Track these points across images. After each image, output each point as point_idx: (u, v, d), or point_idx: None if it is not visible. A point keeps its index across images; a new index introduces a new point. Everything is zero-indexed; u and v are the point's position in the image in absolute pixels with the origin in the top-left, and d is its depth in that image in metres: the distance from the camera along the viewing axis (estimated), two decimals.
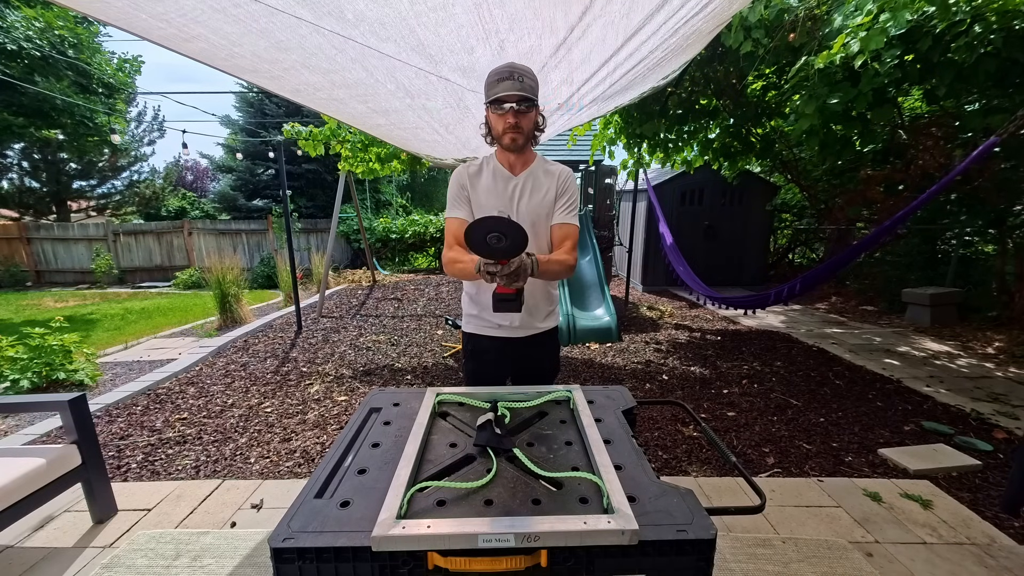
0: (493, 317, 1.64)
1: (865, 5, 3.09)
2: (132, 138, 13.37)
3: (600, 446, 1.08)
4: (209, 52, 1.51)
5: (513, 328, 1.65)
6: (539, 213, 1.55)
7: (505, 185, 1.55)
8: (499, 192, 1.55)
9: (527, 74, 1.39)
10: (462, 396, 1.37)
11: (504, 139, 1.46)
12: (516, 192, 1.55)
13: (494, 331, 1.67)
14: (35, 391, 3.43)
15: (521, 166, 1.56)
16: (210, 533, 1.89)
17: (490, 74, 1.40)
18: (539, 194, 1.55)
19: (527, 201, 1.55)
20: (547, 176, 1.57)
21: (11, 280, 10.30)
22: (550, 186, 1.55)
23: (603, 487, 0.92)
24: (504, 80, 1.36)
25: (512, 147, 1.48)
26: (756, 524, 1.92)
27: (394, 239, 11.12)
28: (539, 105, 1.47)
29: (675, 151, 5.67)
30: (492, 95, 1.39)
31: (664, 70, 2.13)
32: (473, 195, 1.56)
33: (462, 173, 1.58)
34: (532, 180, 1.55)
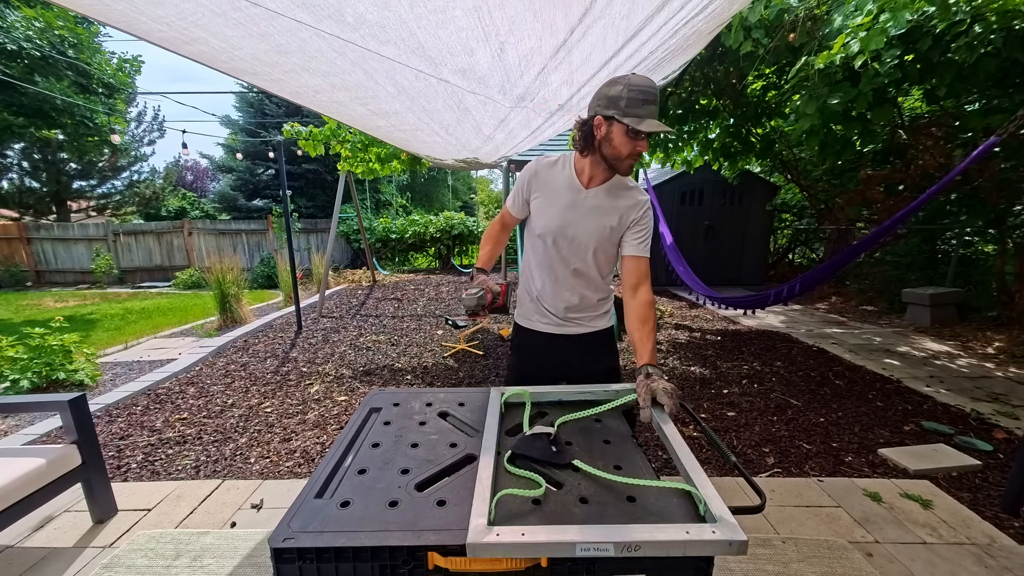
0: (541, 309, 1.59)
1: (865, 5, 3.09)
2: (132, 138, 13.37)
3: (685, 451, 1.03)
4: (209, 54, 1.51)
5: (557, 324, 1.57)
6: (600, 236, 1.44)
7: (573, 196, 1.44)
8: (563, 202, 1.45)
9: (659, 98, 1.28)
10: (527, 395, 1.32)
11: (623, 165, 1.34)
12: (581, 207, 1.43)
13: (538, 325, 1.60)
14: (35, 391, 3.43)
15: (599, 181, 1.43)
16: (210, 533, 1.89)
17: (630, 87, 1.23)
18: (606, 217, 1.43)
19: (590, 220, 1.43)
20: (622, 199, 1.44)
21: (11, 280, 10.30)
22: (623, 212, 1.43)
23: (698, 495, 0.88)
24: (650, 104, 1.23)
25: (627, 173, 1.37)
26: (756, 524, 1.92)
27: (394, 239, 11.12)
28: None
29: (675, 151, 5.68)
30: (634, 116, 1.23)
31: (664, 70, 2.13)
32: (540, 194, 1.48)
33: (534, 168, 1.50)
34: (603, 199, 1.42)
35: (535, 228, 1.50)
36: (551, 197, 1.46)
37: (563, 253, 1.47)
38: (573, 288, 1.52)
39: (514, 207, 1.57)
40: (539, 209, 1.48)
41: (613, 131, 1.28)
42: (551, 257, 1.49)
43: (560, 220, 1.44)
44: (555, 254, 1.48)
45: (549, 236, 1.46)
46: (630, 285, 1.44)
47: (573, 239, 1.45)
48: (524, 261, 1.64)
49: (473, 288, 1.46)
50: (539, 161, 1.50)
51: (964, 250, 6.02)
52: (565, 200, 1.44)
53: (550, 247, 1.48)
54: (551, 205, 1.45)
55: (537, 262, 1.55)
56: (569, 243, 1.45)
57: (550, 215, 1.45)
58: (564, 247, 1.46)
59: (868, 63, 3.13)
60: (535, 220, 1.50)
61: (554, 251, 1.48)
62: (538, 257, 1.54)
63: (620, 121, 1.24)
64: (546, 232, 1.46)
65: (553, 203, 1.45)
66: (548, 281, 1.53)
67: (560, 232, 1.45)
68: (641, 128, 1.23)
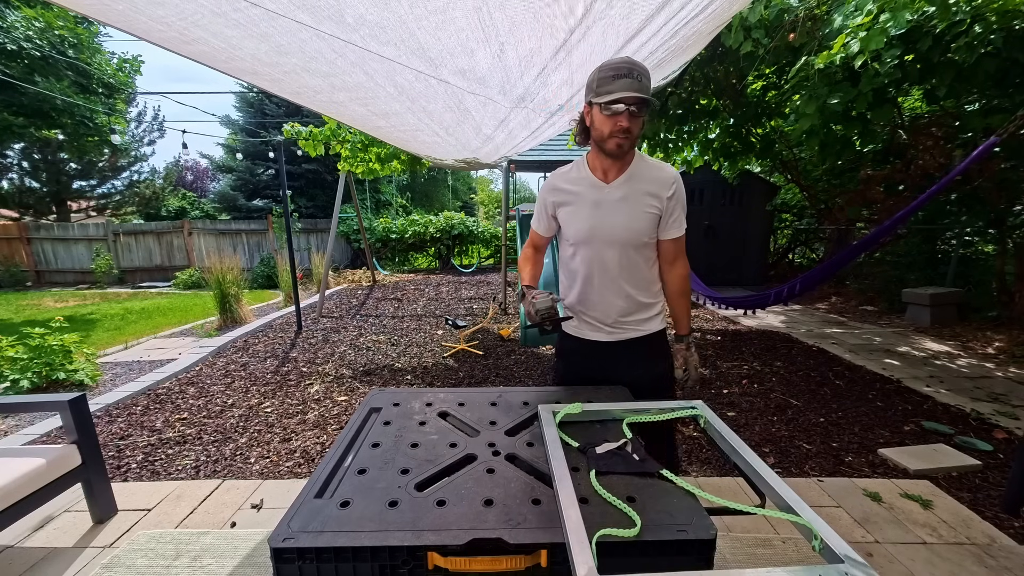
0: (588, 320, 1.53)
1: (865, 5, 3.09)
2: (132, 138, 13.37)
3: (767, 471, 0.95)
4: (209, 55, 1.51)
5: (607, 332, 1.50)
6: (636, 228, 1.38)
7: (595, 196, 1.38)
8: (588, 204, 1.39)
9: (645, 73, 1.24)
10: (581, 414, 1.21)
11: (609, 143, 1.29)
12: (608, 203, 1.37)
13: (587, 334, 1.53)
14: (35, 391, 3.43)
15: (616, 172, 1.38)
16: (210, 533, 1.89)
17: (601, 68, 1.25)
18: (638, 205, 1.37)
19: (621, 214, 1.37)
20: (648, 181, 1.37)
21: (11, 280, 10.30)
22: (655, 193, 1.37)
23: (815, 530, 0.80)
24: (621, 77, 1.21)
25: (616, 153, 1.31)
26: (756, 524, 1.92)
27: (394, 239, 11.12)
28: None
29: (675, 151, 5.68)
30: (605, 93, 1.23)
31: (664, 70, 2.14)
32: (564, 204, 1.43)
33: (552, 184, 1.46)
34: (629, 187, 1.37)
35: (568, 238, 1.46)
36: (576, 203, 1.41)
37: (601, 256, 1.42)
38: (619, 291, 1.45)
39: (541, 226, 1.53)
40: (567, 219, 1.44)
41: (594, 114, 1.30)
42: (590, 263, 1.44)
43: (591, 222, 1.39)
44: (593, 259, 1.43)
45: (583, 241, 1.42)
46: (667, 260, 1.48)
47: (609, 238, 1.39)
48: (562, 274, 1.60)
49: (542, 295, 1.32)
50: (554, 175, 1.48)
51: (964, 250, 6.02)
52: (590, 201, 1.39)
53: (587, 253, 1.43)
54: (577, 211, 1.41)
55: (576, 272, 1.49)
56: (605, 244, 1.40)
57: (579, 220, 1.40)
58: (601, 249, 1.41)
59: (868, 63, 3.13)
60: (566, 230, 1.46)
61: (592, 256, 1.43)
62: (576, 267, 1.48)
63: (594, 102, 1.27)
64: (579, 238, 1.42)
65: (579, 208, 1.41)
66: (591, 290, 1.47)
67: (593, 234, 1.39)
68: (606, 100, 1.22)
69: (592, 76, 1.27)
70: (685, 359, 1.51)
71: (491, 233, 11.74)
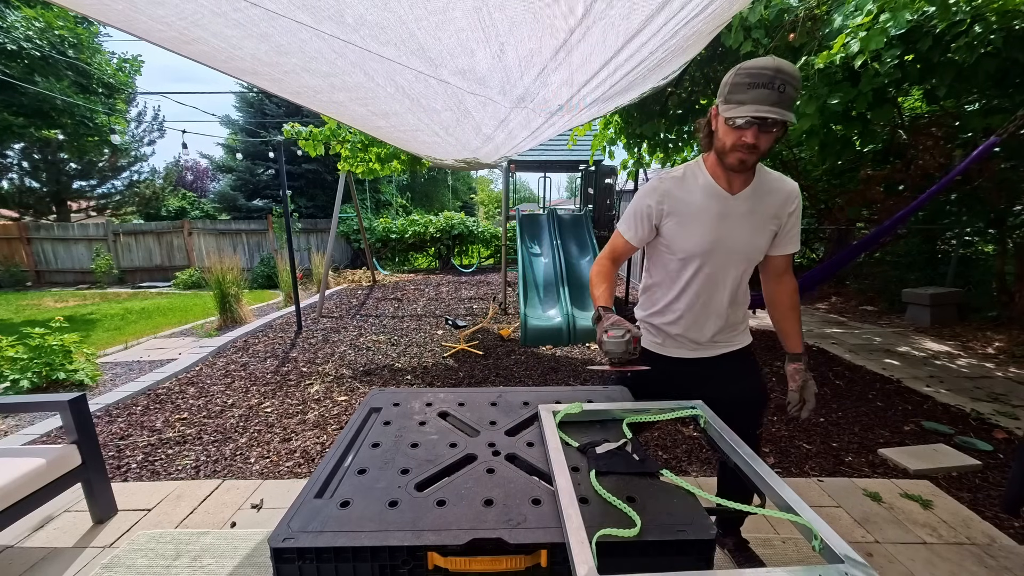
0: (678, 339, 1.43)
1: (865, 5, 3.09)
2: (132, 138, 13.37)
3: (767, 471, 0.95)
4: (209, 54, 1.51)
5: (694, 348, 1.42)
6: (756, 246, 1.31)
7: (721, 207, 1.27)
8: (711, 215, 1.27)
9: (792, 79, 1.06)
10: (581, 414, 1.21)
11: (729, 158, 1.19)
12: (733, 216, 1.27)
13: (671, 351, 1.45)
14: (35, 391, 3.43)
15: (742, 183, 1.27)
16: (210, 533, 1.89)
17: (739, 70, 1.09)
18: (762, 222, 1.29)
19: (744, 230, 1.28)
20: (774, 195, 1.29)
21: (11, 280, 10.30)
22: (778, 210, 1.29)
23: (815, 530, 0.80)
24: (758, 87, 1.06)
25: (737, 168, 1.20)
26: (756, 524, 1.92)
27: (394, 239, 11.12)
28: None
29: (675, 151, 5.67)
30: (734, 104, 1.10)
31: (664, 71, 2.14)
32: (675, 213, 1.30)
33: (661, 188, 1.31)
34: (755, 201, 1.28)
35: (676, 252, 1.34)
36: (693, 213, 1.28)
37: (715, 273, 1.32)
38: (721, 312, 1.37)
39: (635, 235, 1.37)
40: (678, 230, 1.31)
41: (718, 121, 1.18)
42: (698, 281, 1.34)
43: (713, 235, 1.27)
44: (704, 276, 1.33)
45: (699, 257, 1.31)
46: (776, 274, 1.39)
47: (728, 254, 1.30)
48: (654, 286, 1.47)
49: (617, 330, 1.17)
50: (662, 179, 1.33)
51: (964, 250, 6.02)
52: (712, 212, 1.27)
53: (698, 269, 1.33)
54: (695, 221, 1.28)
55: (682, 287, 1.37)
56: (723, 260, 1.31)
57: (698, 233, 1.28)
58: (716, 266, 1.31)
59: (868, 63, 3.12)
60: (676, 241, 1.32)
61: (704, 273, 1.33)
62: (674, 283, 1.38)
63: (721, 113, 1.16)
64: (696, 251, 1.30)
65: (698, 219, 1.28)
66: (691, 310, 1.37)
67: (715, 248, 1.28)
68: (733, 115, 1.10)
69: (726, 78, 1.14)
70: (802, 382, 1.36)
71: (491, 233, 11.74)
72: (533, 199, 24.95)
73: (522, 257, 5.89)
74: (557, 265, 5.73)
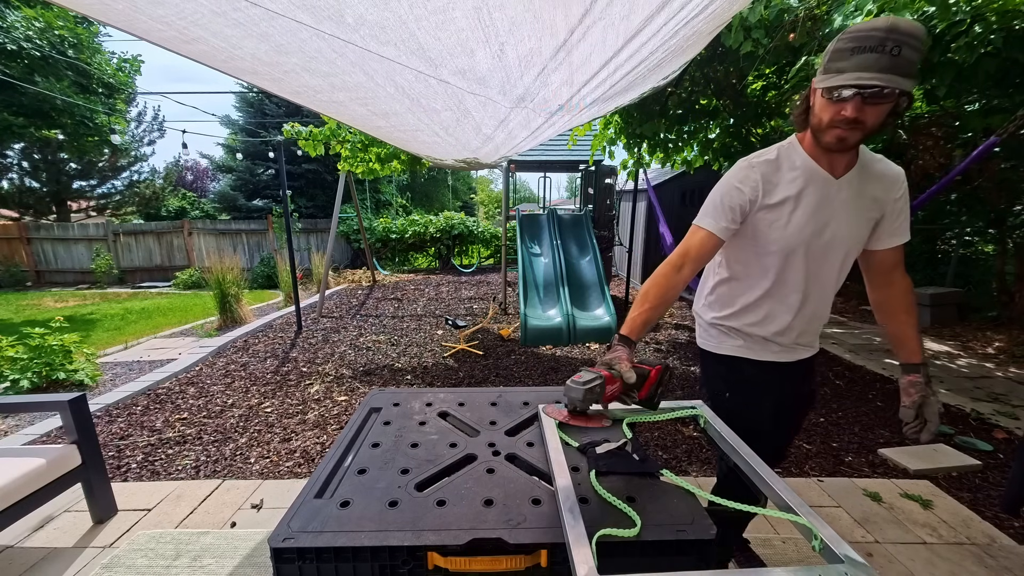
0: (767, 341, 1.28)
1: (865, 5, 3.08)
2: (132, 138, 13.37)
3: (767, 471, 0.96)
4: (209, 54, 1.51)
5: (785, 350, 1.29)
6: (859, 235, 1.16)
7: (822, 192, 1.12)
8: (812, 201, 1.12)
9: (909, 41, 0.87)
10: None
11: (826, 136, 1.03)
12: (835, 203, 1.12)
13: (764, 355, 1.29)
14: (35, 391, 3.43)
15: (845, 164, 1.12)
16: (210, 533, 1.89)
17: (842, 35, 0.94)
18: (867, 209, 1.14)
19: (848, 217, 1.13)
20: (879, 179, 1.14)
21: (11, 280, 10.30)
22: (883, 196, 1.14)
23: (815, 530, 0.80)
24: (865, 51, 0.89)
25: (835, 147, 1.05)
26: (756, 524, 1.92)
27: (394, 239, 11.12)
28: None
29: (675, 151, 5.67)
30: (832, 73, 0.95)
31: (664, 71, 2.13)
32: (770, 206, 1.15)
33: (753, 173, 1.15)
34: (859, 185, 1.13)
35: (767, 244, 1.18)
36: (792, 200, 1.13)
37: (811, 267, 1.18)
38: (814, 309, 1.24)
39: (721, 227, 1.18)
40: (775, 218, 1.15)
41: (816, 95, 1.04)
42: (792, 277, 1.19)
43: (814, 225, 1.12)
44: (800, 271, 1.18)
45: (794, 250, 1.16)
46: (885, 271, 1.20)
47: (829, 245, 1.15)
48: (726, 285, 1.32)
49: (588, 374, 1.03)
50: (753, 163, 1.17)
51: (964, 250, 6.02)
52: (813, 198, 1.12)
53: (793, 264, 1.18)
54: (796, 209, 1.13)
55: (758, 286, 1.24)
56: (821, 253, 1.16)
57: (796, 222, 1.13)
58: (815, 259, 1.17)
59: None
60: (770, 232, 1.16)
61: (800, 267, 1.18)
62: (762, 279, 1.23)
63: (817, 85, 1.02)
64: (793, 245, 1.15)
65: (798, 206, 1.13)
66: (784, 307, 1.23)
67: (814, 240, 1.14)
68: (830, 84, 0.95)
69: (831, 44, 0.99)
70: (920, 397, 1.19)
71: (491, 233, 11.74)
72: (533, 199, 24.96)
73: (522, 257, 5.89)
74: (557, 265, 5.73)
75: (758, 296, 1.25)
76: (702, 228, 1.20)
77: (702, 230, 1.20)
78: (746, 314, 1.28)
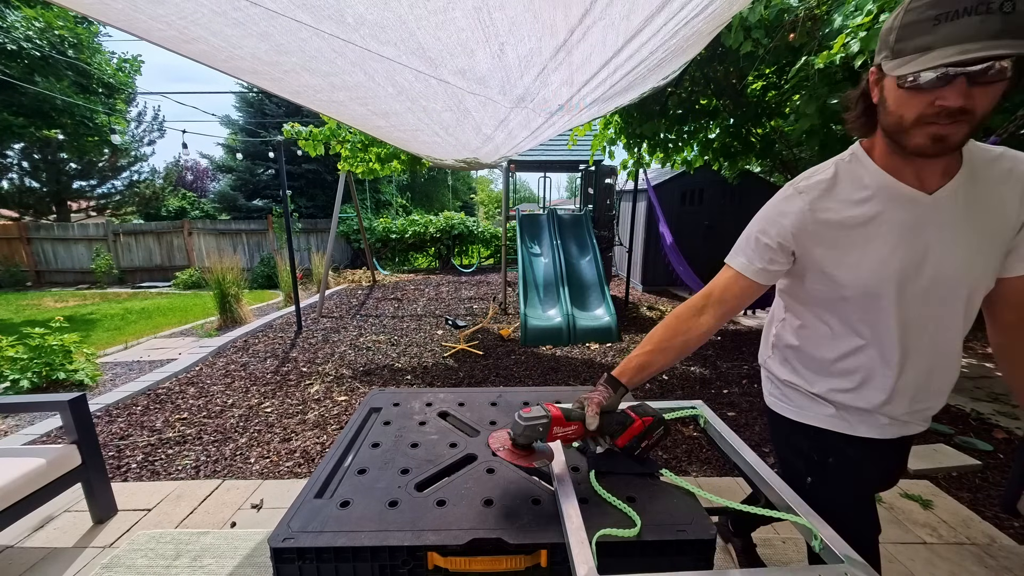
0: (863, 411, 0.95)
1: (865, 5, 3.09)
2: (132, 138, 13.37)
3: (767, 471, 0.95)
4: (209, 54, 1.51)
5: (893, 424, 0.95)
6: (974, 267, 0.84)
7: (910, 215, 0.83)
8: (896, 228, 0.83)
9: None
10: None
11: (914, 138, 0.75)
12: (934, 225, 0.82)
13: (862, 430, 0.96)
14: (35, 391, 3.43)
15: (941, 173, 0.82)
16: (210, 533, 1.89)
17: (908, 7, 0.70)
18: (982, 229, 0.82)
19: (952, 246, 0.82)
20: (1001, 185, 0.82)
21: (11, 280, 10.30)
22: (1004, 211, 0.82)
23: (815, 530, 0.79)
24: (961, 16, 0.64)
25: (930, 152, 0.76)
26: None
27: (394, 239, 11.12)
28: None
29: (675, 151, 5.68)
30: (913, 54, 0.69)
31: (664, 71, 2.13)
32: (831, 241, 0.88)
33: (795, 203, 0.90)
34: (966, 200, 0.82)
35: (840, 288, 0.89)
36: (863, 229, 0.85)
37: (910, 315, 0.87)
38: (929, 368, 0.90)
39: (762, 270, 0.95)
40: (838, 257, 0.88)
41: (885, 86, 0.78)
42: (885, 328, 0.88)
43: (902, 259, 0.83)
44: (892, 320, 0.87)
45: (885, 293, 0.85)
46: (1010, 307, 0.88)
47: (934, 284, 0.84)
48: (798, 335, 1.02)
49: (538, 410, 0.92)
50: (799, 188, 0.92)
51: None
52: (896, 224, 0.83)
53: (883, 310, 0.87)
54: (868, 241, 0.85)
55: (841, 339, 0.94)
56: (923, 295, 0.85)
57: (874, 259, 0.85)
58: (914, 304, 0.86)
59: (868, 63, 3.13)
60: (836, 274, 0.88)
61: (892, 315, 0.87)
62: (843, 331, 0.93)
63: (887, 70, 0.74)
64: (874, 288, 0.86)
65: (873, 236, 0.85)
66: (883, 369, 0.90)
67: (907, 280, 0.84)
68: (912, 69, 0.69)
69: (890, 19, 0.75)
70: None
71: (491, 233, 11.74)
72: (533, 199, 24.98)
73: (522, 257, 5.89)
74: (557, 265, 5.73)
75: (843, 353, 0.94)
76: (731, 267, 0.99)
77: (731, 269, 0.99)
78: (832, 377, 0.97)
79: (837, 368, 0.96)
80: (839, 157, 0.92)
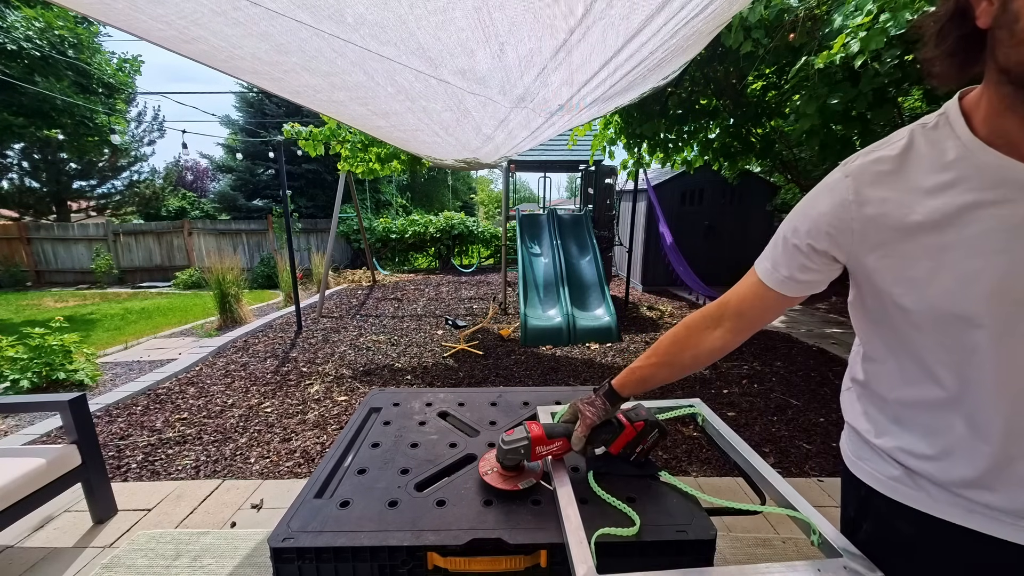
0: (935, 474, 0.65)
1: (865, 5, 3.09)
2: (132, 138, 13.37)
3: (765, 466, 0.96)
4: (209, 54, 1.51)
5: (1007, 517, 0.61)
6: None
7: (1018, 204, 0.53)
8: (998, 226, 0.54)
9: None
10: None
11: None
12: None
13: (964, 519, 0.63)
14: (35, 391, 3.43)
15: None
16: (210, 533, 1.89)
17: None
18: None
19: None
20: None
21: (11, 280, 10.30)
22: None
23: (814, 525, 0.79)
24: None
25: None
26: (756, 524, 1.92)
27: (394, 239, 11.12)
28: None
29: (675, 151, 5.68)
30: None
31: (664, 71, 2.13)
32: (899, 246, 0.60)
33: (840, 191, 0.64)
34: None
35: (906, 312, 0.62)
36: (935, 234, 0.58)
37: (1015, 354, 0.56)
38: None
39: (788, 279, 0.74)
40: (897, 272, 0.62)
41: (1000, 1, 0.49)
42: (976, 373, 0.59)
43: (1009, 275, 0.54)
44: (991, 362, 0.57)
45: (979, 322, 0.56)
46: None
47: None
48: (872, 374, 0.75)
49: (521, 431, 0.92)
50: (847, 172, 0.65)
51: None
52: (1002, 225, 0.54)
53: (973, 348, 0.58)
54: (946, 251, 0.57)
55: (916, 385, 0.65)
56: None
57: (960, 273, 0.56)
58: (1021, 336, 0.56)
59: (868, 63, 3.13)
60: (900, 295, 0.62)
61: (989, 356, 0.57)
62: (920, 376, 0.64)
63: None
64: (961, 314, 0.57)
65: (952, 246, 0.57)
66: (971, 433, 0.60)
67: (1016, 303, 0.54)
68: None
69: None
70: None
71: (491, 233, 11.75)
72: (533, 199, 24.99)
73: (522, 257, 5.89)
74: (557, 265, 5.73)
75: (916, 401, 0.66)
76: (755, 272, 0.80)
77: (754, 275, 0.80)
78: (904, 431, 0.68)
79: (909, 421, 0.67)
80: (922, 120, 0.62)
